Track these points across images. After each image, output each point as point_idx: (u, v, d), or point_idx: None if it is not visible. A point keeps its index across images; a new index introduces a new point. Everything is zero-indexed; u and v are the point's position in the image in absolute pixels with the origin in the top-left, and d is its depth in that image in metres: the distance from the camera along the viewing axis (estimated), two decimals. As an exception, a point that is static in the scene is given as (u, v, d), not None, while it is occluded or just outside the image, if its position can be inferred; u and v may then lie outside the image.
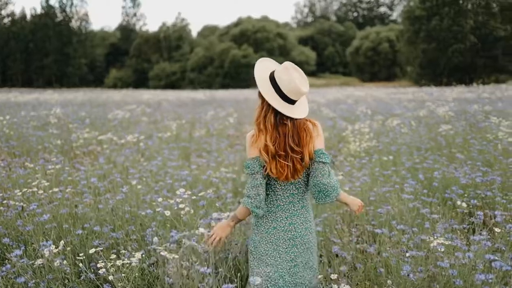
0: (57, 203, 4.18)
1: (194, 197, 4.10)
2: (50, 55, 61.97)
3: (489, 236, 3.38)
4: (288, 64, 2.55)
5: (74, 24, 65.58)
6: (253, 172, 2.56)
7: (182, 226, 3.72)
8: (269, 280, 2.62)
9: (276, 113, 2.52)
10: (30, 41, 62.16)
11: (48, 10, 63.73)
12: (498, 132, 7.69)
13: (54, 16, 64.03)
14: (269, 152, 2.51)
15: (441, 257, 2.90)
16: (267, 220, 2.64)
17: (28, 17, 64.40)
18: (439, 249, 2.90)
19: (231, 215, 2.75)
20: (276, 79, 2.52)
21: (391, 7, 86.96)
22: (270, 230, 2.63)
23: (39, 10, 65.05)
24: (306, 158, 2.52)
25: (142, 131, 9.58)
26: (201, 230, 3.00)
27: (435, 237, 3.15)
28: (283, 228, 2.61)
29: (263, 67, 2.64)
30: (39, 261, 3.15)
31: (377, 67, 62.42)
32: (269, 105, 2.52)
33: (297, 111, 2.54)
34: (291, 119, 2.52)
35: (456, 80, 42.06)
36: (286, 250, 2.62)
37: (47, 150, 7.40)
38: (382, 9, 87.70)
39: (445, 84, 41.79)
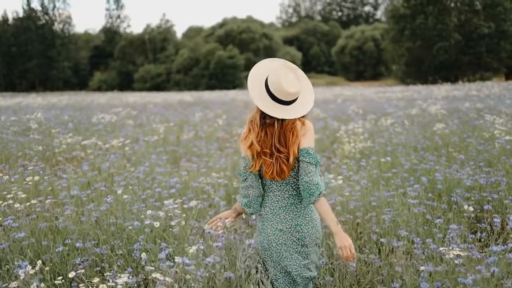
0: (35, 216, 3.84)
1: (185, 206, 3.80)
2: (33, 58, 60.86)
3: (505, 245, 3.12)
4: (281, 64, 2.55)
5: (57, 26, 64.47)
6: (244, 176, 2.62)
7: (172, 239, 3.42)
8: (287, 275, 2.65)
9: (263, 113, 2.54)
10: (13, 45, 60.98)
11: (30, 13, 62.60)
12: (494, 130, 7.53)
13: (37, 19, 62.92)
14: (254, 151, 2.54)
15: (462, 273, 2.63)
16: (272, 222, 2.63)
17: (10, 20, 63.20)
18: (457, 262, 2.63)
19: (233, 207, 2.86)
20: (268, 81, 2.54)
21: (375, 6, 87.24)
22: (276, 232, 2.62)
23: (21, 14, 63.69)
24: (291, 158, 2.52)
25: (128, 134, 9.21)
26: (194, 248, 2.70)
27: (450, 247, 2.88)
28: (289, 230, 2.61)
29: (261, 67, 2.65)
30: (13, 284, 2.83)
31: (362, 66, 62.45)
32: None
33: (287, 112, 2.51)
34: (279, 119, 2.52)
35: (442, 78, 42.19)
36: (297, 250, 2.62)
37: (27, 157, 7.01)
38: (367, 8, 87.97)
39: (431, 82, 41.88)
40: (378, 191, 4.89)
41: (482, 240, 3.47)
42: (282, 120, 2.52)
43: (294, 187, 2.62)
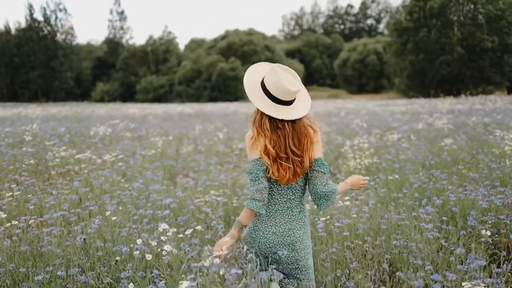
0: (16, 238, 3.53)
1: (180, 235, 3.48)
2: (36, 69, 60.89)
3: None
4: (275, 66, 2.55)
5: (60, 37, 64.52)
6: (257, 177, 2.50)
7: (164, 268, 3.11)
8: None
9: (271, 116, 2.52)
10: (15, 56, 61.04)
11: (32, 24, 62.67)
12: (505, 146, 7.23)
13: (39, 29, 63.01)
14: (270, 156, 2.49)
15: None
16: (266, 225, 2.60)
17: (13, 31, 63.30)
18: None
19: (237, 220, 2.60)
20: (265, 83, 2.52)
21: (378, 20, 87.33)
22: (269, 235, 2.59)
23: (23, 24, 63.77)
24: (306, 164, 2.53)
25: (125, 148, 8.90)
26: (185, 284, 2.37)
27: (474, 282, 2.56)
28: (282, 234, 2.59)
29: (254, 71, 2.64)
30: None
31: (364, 79, 62.35)
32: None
33: (293, 112, 2.51)
34: (290, 121, 2.52)
35: (444, 92, 41.99)
36: (286, 255, 2.59)
37: (18, 171, 6.70)
38: (369, 21, 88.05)
39: (433, 95, 41.68)
40: (387, 211, 4.58)
41: (507, 271, 3.14)
42: (293, 122, 2.52)
43: (294, 191, 2.61)
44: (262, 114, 2.54)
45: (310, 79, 65.50)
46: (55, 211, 4.31)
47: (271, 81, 2.49)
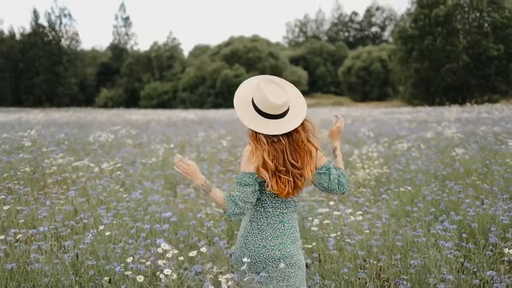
0: (2, 254, 3.26)
1: (179, 242, 3.21)
2: (40, 74, 60.95)
3: None
4: (261, 80, 2.53)
5: (64, 43, 64.63)
6: (245, 184, 2.43)
7: (160, 290, 2.82)
8: None
9: None
10: (20, 61, 61.12)
11: (37, 29, 62.81)
12: (519, 156, 6.95)
13: (44, 35, 63.13)
14: (269, 169, 2.44)
15: None
16: (256, 238, 2.54)
17: (17, 36, 63.45)
18: None
19: (212, 186, 2.53)
20: (254, 100, 2.53)
21: (382, 27, 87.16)
22: (259, 249, 2.52)
23: (28, 29, 63.87)
24: (309, 177, 2.52)
25: (125, 156, 8.62)
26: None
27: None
28: (272, 247, 2.52)
29: (245, 87, 2.65)
30: None
31: (369, 87, 62.08)
32: None
33: (287, 125, 2.47)
34: (285, 134, 2.47)
35: (449, 100, 41.65)
36: (276, 269, 2.50)
37: (13, 179, 6.43)
38: (374, 29, 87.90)
39: (438, 103, 41.37)
40: (401, 227, 4.29)
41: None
42: (288, 135, 2.48)
43: (287, 205, 2.56)
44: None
45: (314, 86, 65.29)
46: (48, 223, 4.04)
47: (257, 97, 2.49)
